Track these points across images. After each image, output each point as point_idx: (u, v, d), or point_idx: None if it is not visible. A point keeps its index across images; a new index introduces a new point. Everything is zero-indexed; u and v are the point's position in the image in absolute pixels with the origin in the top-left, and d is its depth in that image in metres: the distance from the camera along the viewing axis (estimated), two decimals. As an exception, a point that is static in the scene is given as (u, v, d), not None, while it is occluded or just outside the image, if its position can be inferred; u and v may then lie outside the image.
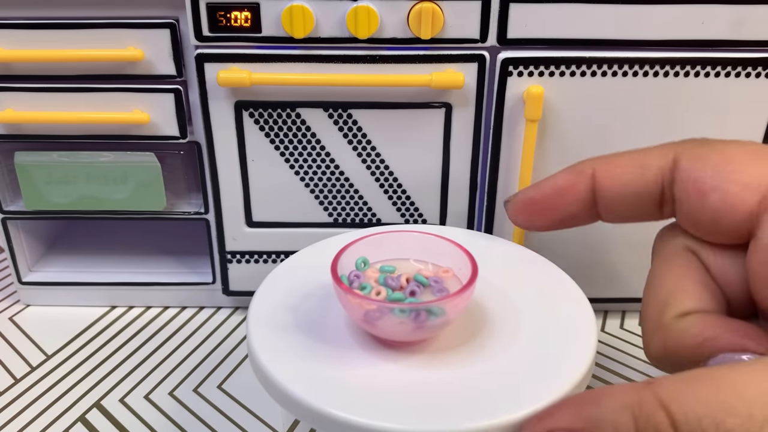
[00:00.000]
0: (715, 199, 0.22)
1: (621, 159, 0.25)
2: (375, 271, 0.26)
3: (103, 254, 0.42)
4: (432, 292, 0.25)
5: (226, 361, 0.36)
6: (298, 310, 0.26)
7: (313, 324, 0.25)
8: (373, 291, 0.24)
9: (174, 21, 0.32)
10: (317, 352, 0.24)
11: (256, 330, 0.25)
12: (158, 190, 0.37)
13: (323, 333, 0.25)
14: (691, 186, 0.23)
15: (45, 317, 0.40)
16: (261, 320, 0.25)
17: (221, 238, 0.37)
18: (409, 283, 0.25)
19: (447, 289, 0.25)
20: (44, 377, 0.35)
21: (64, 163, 0.36)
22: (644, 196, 0.24)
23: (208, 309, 0.41)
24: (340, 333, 0.25)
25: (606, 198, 0.25)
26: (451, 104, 0.33)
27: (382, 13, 0.31)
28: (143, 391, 0.35)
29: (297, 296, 0.27)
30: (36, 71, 0.34)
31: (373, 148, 0.35)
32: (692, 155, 0.23)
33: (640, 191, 0.24)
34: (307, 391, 0.22)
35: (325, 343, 0.24)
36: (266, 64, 0.32)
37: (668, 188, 0.24)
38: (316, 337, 0.25)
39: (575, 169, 0.26)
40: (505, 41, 0.32)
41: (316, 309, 0.26)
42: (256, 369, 0.24)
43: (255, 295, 0.27)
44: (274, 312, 0.26)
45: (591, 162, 0.26)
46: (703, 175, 0.23)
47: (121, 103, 0.34)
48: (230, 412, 0.33)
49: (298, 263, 0.29)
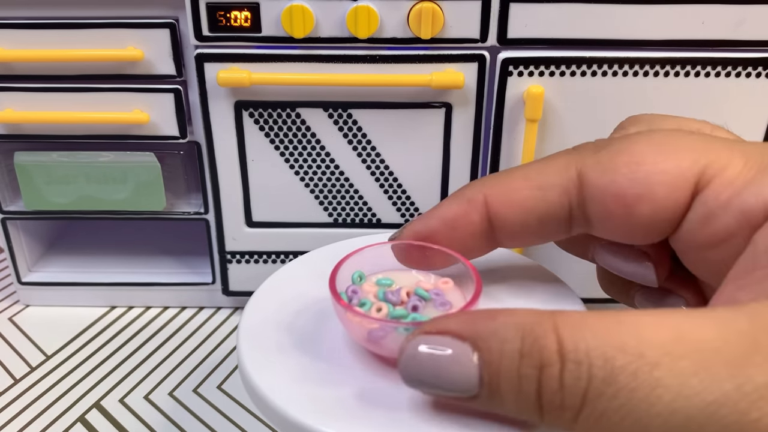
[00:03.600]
0: (644, 209, 0.20)
1: (514, 182, 0.22)
2: (372, 285, 0.24)
3: (103, 254, 0.42)
4: (434, 305, 0.23)
5: (225, 362, 0.36)
6: (291, 327, 0.25)
7: (308, 341, 0.24)
8: (374, 308, 0.23)
9: (174, 21, 0.32)
10: (314, 371, 0.23)
11: (249, 351, 0.24)
12: (158, 190, 0.36)
13: (319, 351, 0.24)
14: (611, 201, 0.21)
15: (44, 317, 0.40)
16: (252, 339, 0.24)
17: (221, 239, 0.37)
18: (410, 298, 0.23)
19: (449, 302, 0.23)
20: (44, 377, 0.35)
21: (64, 163, 0.36)
22: (548, 220, 0.22)
23: (208, 309, 0.41)
24: (337, 350, 0.24)
25: (505, 227, 0.23)
26: (451, 104, 0.33)
27: (382, 12, 0.31)
28: (143, 391, 0.35)
29: (289, 312, 0.26)
30: (36, 71, 0.33)
31: (373, 148, 0.35)
32: (597, 166, 0.21)
33: (543, 216, 0.22)
34: (305, 414, 0.21)
35: (321, 361, 0.23)
36: (266, 64, 0.32)
37: (577, 208, 0.22)
38: (311, 355, 0.24)
39: (462, 198, 0.23)
40: (506, 41, 0.32)
41: (309, 325, 0.25)
42: (249, 389, 0.23)
43: (245, 313, 0.26)
44: (265, 330, 0.25)
45: (478, 188, 0.23)
46: (621, 187, 0.20)
47: (120, 103, 0.34)
48: (230, 413, 0.33)
49: (289, 274, 0.29)
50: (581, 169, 0.21)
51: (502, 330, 0.17)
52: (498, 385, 0.18)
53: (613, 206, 0.21)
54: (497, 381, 0.17)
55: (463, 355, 0.18)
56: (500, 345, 0.17)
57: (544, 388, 0.17)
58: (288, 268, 0.29)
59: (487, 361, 0.18)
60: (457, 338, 0.18)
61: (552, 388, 0.17)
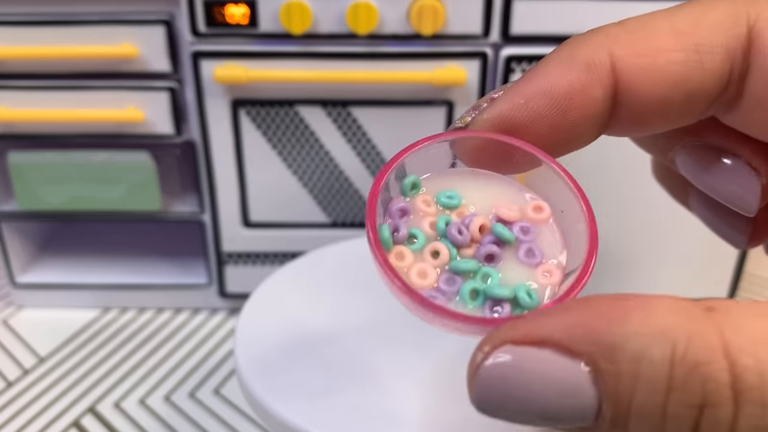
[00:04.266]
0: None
1: (659, 38, 0.16)
2: (430, 202, 0.16)
3: (97, 255, 0.42)
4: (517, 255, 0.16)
5: (223, 366, 0.36)
6: (289, 330, 0.25)
7: (306, 345, 0.24)
8: (428, 249, 0.15)
9: (169, 17, 0.32)
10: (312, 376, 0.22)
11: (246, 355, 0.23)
12: (153, 190, 0.36)
13: (317, 355, 0.23)
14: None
15: (38, 319, 0.39)
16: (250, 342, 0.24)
17: (217, 239, 0.37)
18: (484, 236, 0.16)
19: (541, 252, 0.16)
20: (38, 381, 0.35)
21: (58, 162, 0.35)
22: (699, 97, 0.16)
23: (204, 311, 0.40)
24: (337, 353, 0.23)
25: (637, 106, 0.16)
26: (452, 102, 0.33)
27: (382, 8, 0.31)
28: (138, 395, 0.34)
29: (287, 315, 0.25)
30: (28, 69, 0.33)
31: (372, 147, 0.34)
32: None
33: (694, 92, 0.16)
34: (304, 419, 0.21)
35: (320, 365, 0.23)
36: (264, 61, 0.32)
37: (735, 82, 0.16)
38: (310, 359, 0.23)
39: (577, 61, 0.16)
40: (508, 38, 0.31)
41: (308, 327, 0.25)
42: (247, 394, 0.23)
43: (242, 316, 0.26)
44: (262, 333, 0.24)
45: (600, 43, 0.16)
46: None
47: (115, 101, 0.33)
48: (227, 418, 0.33)
49: (287, 276, 0.28)
50: (756, 24, 0.15)
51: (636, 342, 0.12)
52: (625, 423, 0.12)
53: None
54: (625, 418, 0.12)
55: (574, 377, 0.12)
56: (635, 367, 0.12)
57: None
58: (286, 270, 0.29)
59: (612, 390, 0.12)
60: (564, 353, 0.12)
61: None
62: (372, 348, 0.24)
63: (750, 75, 0.15)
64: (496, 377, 0.13)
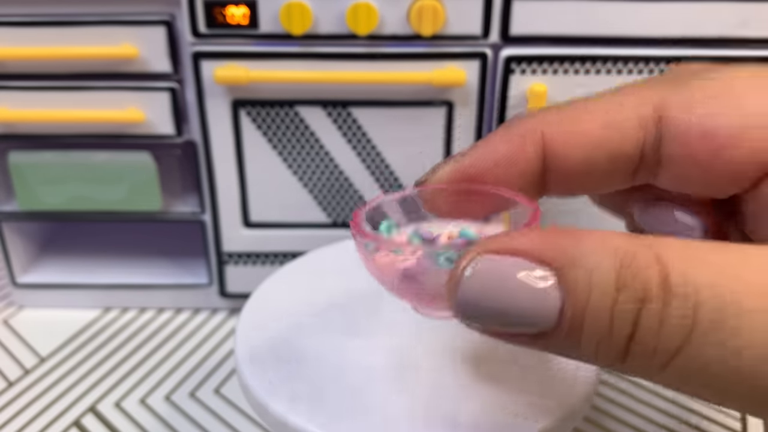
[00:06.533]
0: (735, 155, 0.17)
1: (582, 114, 0.19)
2: (404, 237, 0.20)
3: (98, 255, 0.42)
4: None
5: (223, 365, 0.36)
6: (289, 330, 0.25)
7: (306, 344, 0.24)
8: (408, 250, 0.19)
9: (170, 18, 0.32)
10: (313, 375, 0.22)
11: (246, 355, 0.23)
12: (153, 190, 0.36)
13: (318, 354, 0.23)
14: (696, 141, 0.18)
15: (39, 319, 0.39)
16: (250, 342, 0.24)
17: (218, 239, 0.37)
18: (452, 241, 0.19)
19: None
20: (38, 381, 0.35)
21: (59, 163, 0.35)
22: (619, 159, 0.19)
23: (205, 311, 0.40)
24: (337, 353, 0.24)
25: (563, 167, 0.19)
26: (452, 102, 0.33)
27: (383, 9, 0.31)
28: (139, 395, 0.34)
29: (287, 315, 0.25)
30: (29, 70, 0.33)
31: (372, 147, 0.34)
32: (681, 103, 0.18)
33: (614, 154, 0.19)
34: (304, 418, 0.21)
35: (320, 365, 0.23)
36: (264, 62, 0.32)
37: (651, 148, 0.19)
38: (310, 359, 0.23)
39: (512, 133, 0.19)
40: (508, 38, 0.31)
41: (308, 327, 0.25)
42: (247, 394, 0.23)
43: (242, 315, 0.26)
44: (263, 333, 0.24)
45: (532, 123, 0.19)
46: (713, 125, 0.17)
47: (115, 101, 0.33)
48: (228, 418, 0.33)
49: (288, 276, 0.28)
50: (660, 104, 0.18)
51: (592, 255, 0.15)
52: (581, 322, 0.15)
53: (699, 147, 0.18)
54: (581, 317, 0.15)
55: (541, 281, 0.15)
56: (590, 274, 0.14)
57: (640, 328, 0.14)
58: (286, 270, 0.29)
59: (572, 291, 0.15)
60: (533, 261, 0.15)
61: (650, 328, 0.14)
62: (372, 348, 0.24)
63: (663, 141, 0.18)
64: (475, 280, 0.15)
